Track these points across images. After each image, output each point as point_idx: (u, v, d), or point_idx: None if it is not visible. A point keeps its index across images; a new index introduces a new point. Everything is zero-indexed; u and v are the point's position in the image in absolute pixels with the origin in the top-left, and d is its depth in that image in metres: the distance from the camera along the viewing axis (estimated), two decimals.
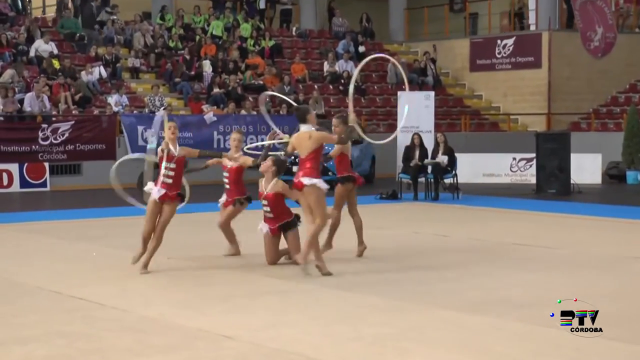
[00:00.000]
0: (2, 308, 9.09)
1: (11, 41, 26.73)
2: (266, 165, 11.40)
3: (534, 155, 22.86)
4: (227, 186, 12.14)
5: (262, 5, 33.87)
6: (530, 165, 23.97)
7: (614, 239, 14.05)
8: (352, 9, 36.13)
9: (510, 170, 24.87)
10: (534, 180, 22.77)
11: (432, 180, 21.04)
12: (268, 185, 11.36)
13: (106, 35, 28.98)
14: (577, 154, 22.69)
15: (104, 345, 7.54)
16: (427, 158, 21.20)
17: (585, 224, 16.08)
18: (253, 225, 11.76)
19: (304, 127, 10.90)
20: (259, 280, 10.56)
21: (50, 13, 32.27)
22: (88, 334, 7.97)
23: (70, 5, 30.28)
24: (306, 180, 10.59)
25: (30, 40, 27.18)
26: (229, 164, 11.95)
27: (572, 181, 21.80)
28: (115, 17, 29.67)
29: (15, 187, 22.49)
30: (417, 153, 21.08)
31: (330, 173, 23.06)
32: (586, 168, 23.76)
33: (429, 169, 21.08)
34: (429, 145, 21.96)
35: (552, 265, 11.50)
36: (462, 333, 7.87)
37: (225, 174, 12.05)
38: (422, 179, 21.15)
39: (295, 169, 12.97)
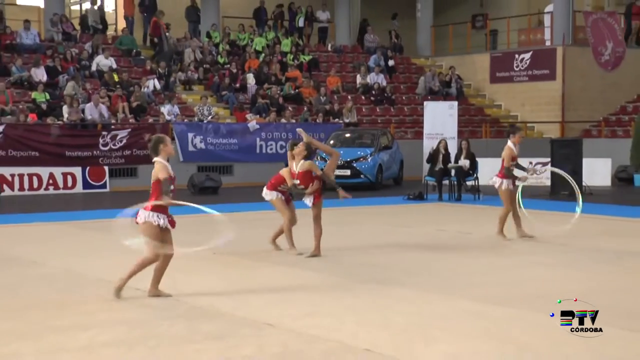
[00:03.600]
0: (67, 297, 9.15)
1: (75, 57, 26.95)
2: (299, 149, 11.79)
3: (549, 159, 22.66)
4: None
5: (301, 23, 33.86)
6: (545, 169, 23.77)
7: (622, 237, 13.90)
8: (382, 26, 36.07)
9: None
10: (548, 183, 22.60)
11: (455, 182, 20.95)
12: (298, 166, 11.71)
13: (161, 51, 29.16)
14: (588, 159, 22.50)
15: (159, 332, 7.56)
16: (450, 162, 21.12)
17: (596, 223, 15.92)
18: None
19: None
20: (298, 273, 10.55)
21: (110, 32, 32.44)
22: (144, 321, 7.99)
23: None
24: None
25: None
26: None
27: (584, 184, 21.59)
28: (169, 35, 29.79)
29: (79, 188, 22.66)
30: (441, 157, 21.02)
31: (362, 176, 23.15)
32: (597, 172, 23.54)
33: (452, 172, 20.99)
34: (453, 150, 21.89)
35: (565, 260, 11.41)
36: (486, 323, 7.79)
37: (297, 181, 11.94)
38: (446, 182, 21.07)
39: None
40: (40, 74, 25.36)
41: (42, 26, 29.94)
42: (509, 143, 13.58)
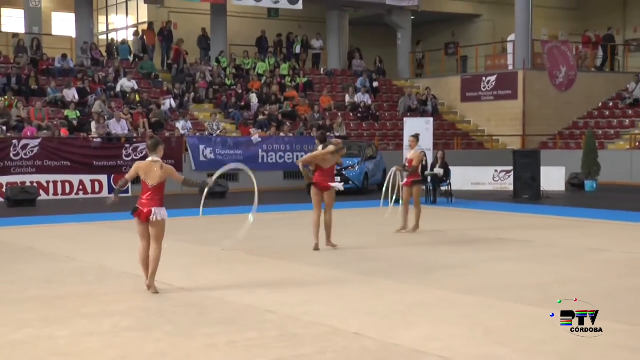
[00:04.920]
0: (94, 288, 9.10)
1: (102, 80, 26.92)
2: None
3: (511, 168, 22.69)
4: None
5: (297, 50, 33.85)
6: (509, 176, 23.78)
7: (575, 234, 13.89)
8: (368, 53, 36.12)
9: (493, 180, 24.68)
10: (511, 188, 22.60)
11: (431, 188, 20.92)
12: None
13: (177, 75, 29.12)
14: (545, 167, 22.50)
15: (174, 318, 7.52)
16: (427, 170, 21.08)
17: (552, 223, 15.92)
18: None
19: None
20: (296, 268, 10.51)
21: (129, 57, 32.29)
22: (162, 309, 7.95)
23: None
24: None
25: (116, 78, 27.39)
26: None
27: (541, 189, 21.62)
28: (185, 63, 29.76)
29: (105, 193, 22.57)
30: (420, 166, 20.95)
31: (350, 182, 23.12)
32: (553, 178, 23.54)
33: (429, 179, 20.96)
34: (429, 160, 21.88)
35: (527, 255, 11.39)
36: (459, 309, 7.77)
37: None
38: (423, 187, 21.00)
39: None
40: (71, 95, 25.33)
41: (73, 53, 29.92)
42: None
